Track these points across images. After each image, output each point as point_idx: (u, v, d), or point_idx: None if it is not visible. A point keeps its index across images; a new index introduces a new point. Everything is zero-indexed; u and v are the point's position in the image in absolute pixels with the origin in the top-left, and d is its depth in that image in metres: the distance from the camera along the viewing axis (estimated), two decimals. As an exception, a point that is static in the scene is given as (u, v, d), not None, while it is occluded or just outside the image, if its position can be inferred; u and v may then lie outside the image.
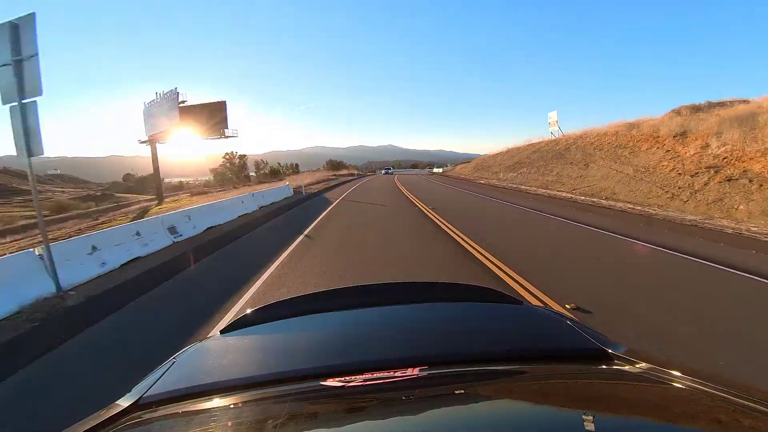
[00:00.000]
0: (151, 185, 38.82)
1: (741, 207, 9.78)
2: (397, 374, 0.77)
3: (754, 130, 11.54)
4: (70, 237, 7.03)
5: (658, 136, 15.65)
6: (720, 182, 11.03)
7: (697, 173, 12.06)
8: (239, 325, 1.17)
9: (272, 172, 57.95)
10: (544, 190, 18.25)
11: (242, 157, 55.37)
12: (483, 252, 6.49)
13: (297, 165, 67.73)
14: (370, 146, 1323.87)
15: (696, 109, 17.79)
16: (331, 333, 1.11)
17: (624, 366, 0.81)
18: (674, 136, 14.67)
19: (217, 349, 1.10)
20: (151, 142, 26.12)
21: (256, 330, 1.14)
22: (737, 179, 10.64)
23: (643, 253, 6.65)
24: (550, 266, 5.70)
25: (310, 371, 0.85)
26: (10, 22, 4.52)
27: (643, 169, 14.68)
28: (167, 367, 0.97)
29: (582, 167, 19.21)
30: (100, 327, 4.01)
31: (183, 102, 25.21)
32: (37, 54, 4.56)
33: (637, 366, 0.80)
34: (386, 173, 63.51)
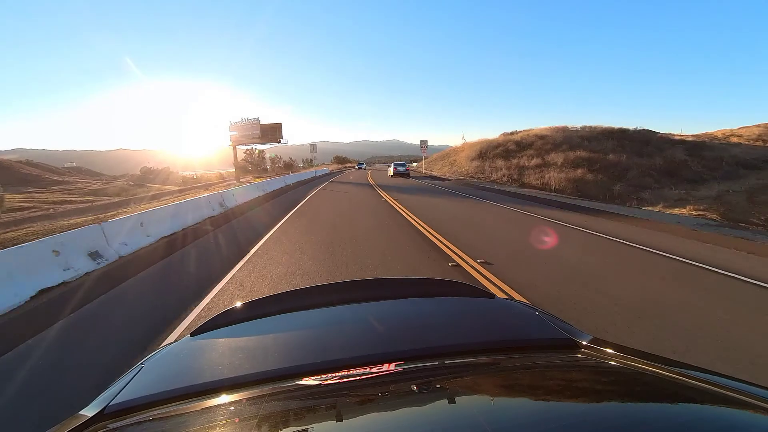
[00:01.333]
0: (163, 177, 53.27)
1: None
2: (373, 370, 0.77)
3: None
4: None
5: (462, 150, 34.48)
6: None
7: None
8: (210, 327, 1.15)
9: (286, 165, 62.25)
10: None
11: (261, 152, 59.84)
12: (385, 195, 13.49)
13: (311, 160, 72.74)
14: (374, 141, 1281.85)
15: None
16: (304, 332, 1.10)
17: (591, 354, 0.85)
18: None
19: (188, 352, 1.06)
20: (233, 146, 42.37)
21: (228, 332, 1.12)
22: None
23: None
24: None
25: (285, 371, 0.84)
26: None
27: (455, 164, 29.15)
28: (134, 373, 0.94)
29: (452, 163, 34.86)
30: (147, 272, 5.55)
31: (257, 120, 41.92)
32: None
33: (603, 354, 0.84)
34: (359, 169, 59.04)
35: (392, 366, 0.79)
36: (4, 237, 8.48)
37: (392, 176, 29.40)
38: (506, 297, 1.52)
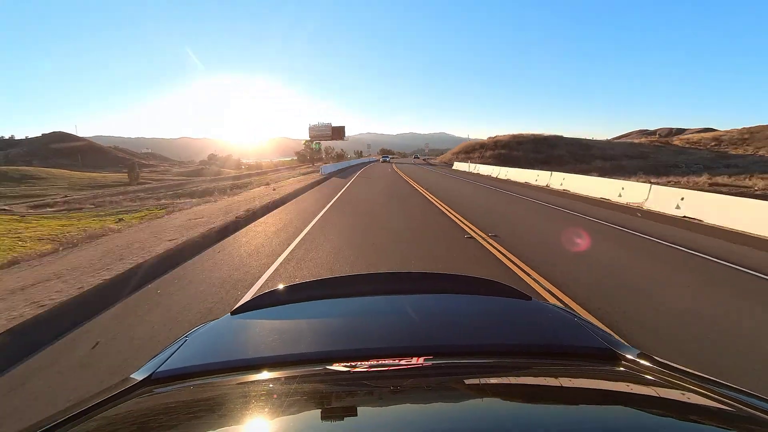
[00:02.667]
0: (229, 163, 78.34)
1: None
2: (402, 362, 0.78)
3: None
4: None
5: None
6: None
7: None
8: (249, 307, 1.20)
9: (338, 155, 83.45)
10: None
11: (318, 144, 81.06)
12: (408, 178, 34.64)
13: (361, 152, 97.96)
14: (421, 133, 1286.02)
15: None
16: (339, 319, 1.13)
17: (632, 368, 0.80)
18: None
19: (227, 329, 1.12)
20: (313, 140, 66.38)
21: (266, 313, 1.17)
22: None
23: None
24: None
25: (316, 355, 0.87)
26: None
27: (453, 158, 39.56)
28: (179, 345, 1.00)
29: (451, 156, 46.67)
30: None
31: (329, 124, 66.18)
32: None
33: (646, 369, 0.79)
34: (384, 161, 61.14)
35: (421, 360, 0.79)
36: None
37: (411, 162, 52.86)
38: (545, 300, 1.56)
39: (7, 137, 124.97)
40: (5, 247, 7.58)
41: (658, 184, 11.53)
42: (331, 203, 12.31)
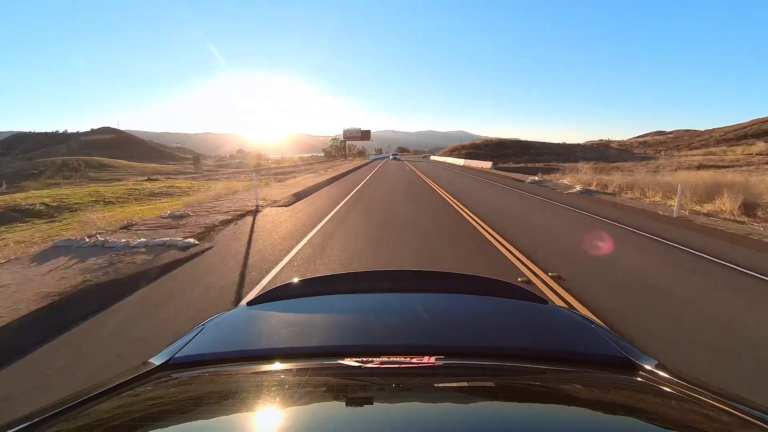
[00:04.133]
0: (251, 159, 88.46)
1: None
2: (413, 360, 0.78)
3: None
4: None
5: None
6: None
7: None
8: (265, 299, 1.23)
9: (359, 152, 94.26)
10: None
11: (342, 141, 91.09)
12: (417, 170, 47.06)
13: (381, 149, 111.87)
14: (439, 132, 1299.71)
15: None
16: (352, 314, 1.13)
17: (650, 379, 0.78)
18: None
19: (243, 319, 1.15)
20: (345, 140, 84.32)
21: (281, 305, 1.18)
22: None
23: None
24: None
25: (328, 349, 0.89)
26: None
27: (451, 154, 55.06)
28: (197, 332, 1.02)
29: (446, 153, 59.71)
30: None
31: (359, 129, 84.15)
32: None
33: (664, 381, 0.76)
34: (394, 159, 61.70)
35: (433, 359, 0.79)
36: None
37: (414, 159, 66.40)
38: (564, 306, 1.47)
39: (60, 131, 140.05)
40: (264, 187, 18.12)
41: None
42: (378, 167, 29.07)
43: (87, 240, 5.79)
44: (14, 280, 4.19)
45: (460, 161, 43.57)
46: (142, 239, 5.92)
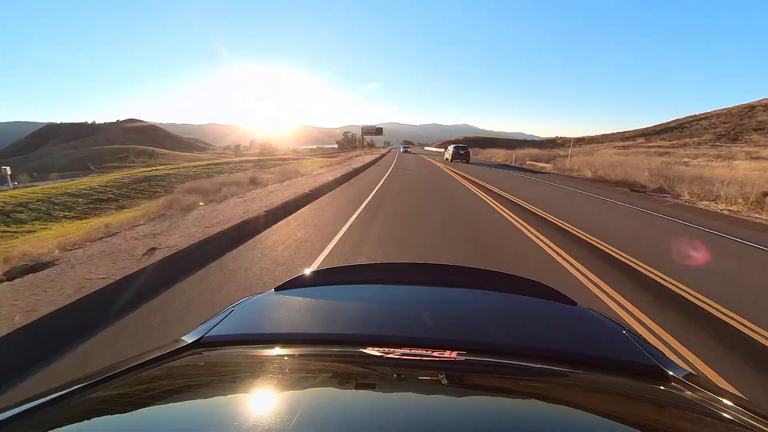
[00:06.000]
0: (262, 149, 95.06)
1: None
2: (434, 354, 0.79)
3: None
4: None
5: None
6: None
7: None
8: (293, 284, 1.25)
9: (369, 145, 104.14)
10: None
11: (353, 135, 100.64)
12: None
13: (389, 142, 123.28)
14: (444, 125, 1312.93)
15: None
16: (376, 305, 1.15)
17: (681, 390, 0.75)
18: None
19: (271, 304, 1.18)
20: (363, 134, 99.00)
21: (307, 292, 1.21)
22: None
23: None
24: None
25: (351, 337, 0.90)
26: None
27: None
28: (226, 314, 1.06)
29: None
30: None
31: (374, 125, 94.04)
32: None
33: (696, 393, 0.74)
34: (405, 152, 63.15)
35: (454, 354, 0.79)
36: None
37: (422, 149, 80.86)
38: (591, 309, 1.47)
39: (89, 122, 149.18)
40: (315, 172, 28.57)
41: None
42: (398, 154, 41.06)
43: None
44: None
45: (441, 149, 63.07)
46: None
